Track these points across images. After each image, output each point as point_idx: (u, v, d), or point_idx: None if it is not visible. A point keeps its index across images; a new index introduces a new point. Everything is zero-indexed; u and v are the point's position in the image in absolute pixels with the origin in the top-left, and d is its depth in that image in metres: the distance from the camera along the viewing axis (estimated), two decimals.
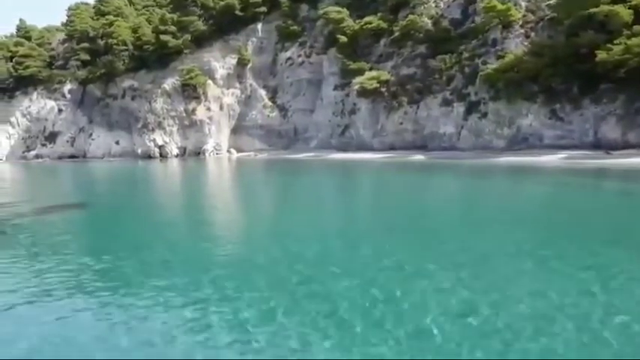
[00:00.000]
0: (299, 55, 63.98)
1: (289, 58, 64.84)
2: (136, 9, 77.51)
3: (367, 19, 52.58)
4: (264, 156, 58.56)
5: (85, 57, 70.69)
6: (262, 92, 65.83)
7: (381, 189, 22.95)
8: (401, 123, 45.80)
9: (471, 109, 38.51)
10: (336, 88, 55.48)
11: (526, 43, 36.62)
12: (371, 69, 50.92)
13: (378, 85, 47.21)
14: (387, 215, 14.96)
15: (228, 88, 67.15)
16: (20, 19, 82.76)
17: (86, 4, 79.97)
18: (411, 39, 49.03)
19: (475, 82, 38.57)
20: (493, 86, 36.59)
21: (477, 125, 38.05)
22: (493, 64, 36.99)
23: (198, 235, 12.73)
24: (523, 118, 35.27)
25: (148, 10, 73.20)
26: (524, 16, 37.61)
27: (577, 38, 32.28)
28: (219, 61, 67.45)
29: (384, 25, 51.58)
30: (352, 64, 51.96)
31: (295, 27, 64.42)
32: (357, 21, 53.56)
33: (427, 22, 48.89)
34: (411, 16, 49.22)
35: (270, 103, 64.99)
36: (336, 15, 55.33)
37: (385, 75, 47.90)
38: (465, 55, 40.25)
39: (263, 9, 66.62)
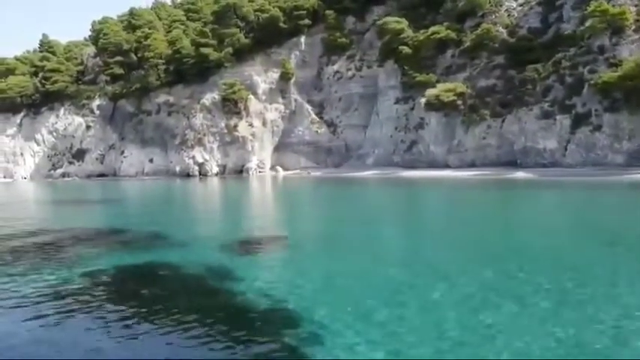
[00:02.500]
0: (348, 69, 60.91)
1: (337, 72, 61.74)
2: (163, 23, 74.47)
3: (433, 28, 49.59)
4: (317, 174, 54.51)
5: (119, 71, 67.15)
6: (308, 107, 62.38)
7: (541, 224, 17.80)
8: (483, 138, 42.28)
9: (580, 121, 35.04)
10: (397, 101, 52.09)
11: None
12: (438, 81, 47.77)
13: (455, 97, 43.88)
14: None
15: (270, 103, 63.66)
16: (43, 34, 79.24)
17: (111, 18, 76.84)
18: (486, 49, 46.06)
19: (581, 92, 35.25)
20: (608, 96, 33.26)
21: (587, 139, 34.52)
22: (604, 72, 33.73)
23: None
24: None
25: (183, 24, 70.01)
26: (636, 20, 34.64)
27: None
28: (261, 75, 64.15)
29: (453, 35, 48.61)
30: (419, 76, 48.75)
31: (343, 39, 61.56)
32: (422, 31, 50.53)
33: (502, 32, 46.10)
34: (484, 26, 46.38)
35: (317, 119, 61.48)
36: (395, 25, 52.41)
37: (461, 87, 44.60)
38: (565, 63, 37.03)
39: (307, 22, 63.94)
